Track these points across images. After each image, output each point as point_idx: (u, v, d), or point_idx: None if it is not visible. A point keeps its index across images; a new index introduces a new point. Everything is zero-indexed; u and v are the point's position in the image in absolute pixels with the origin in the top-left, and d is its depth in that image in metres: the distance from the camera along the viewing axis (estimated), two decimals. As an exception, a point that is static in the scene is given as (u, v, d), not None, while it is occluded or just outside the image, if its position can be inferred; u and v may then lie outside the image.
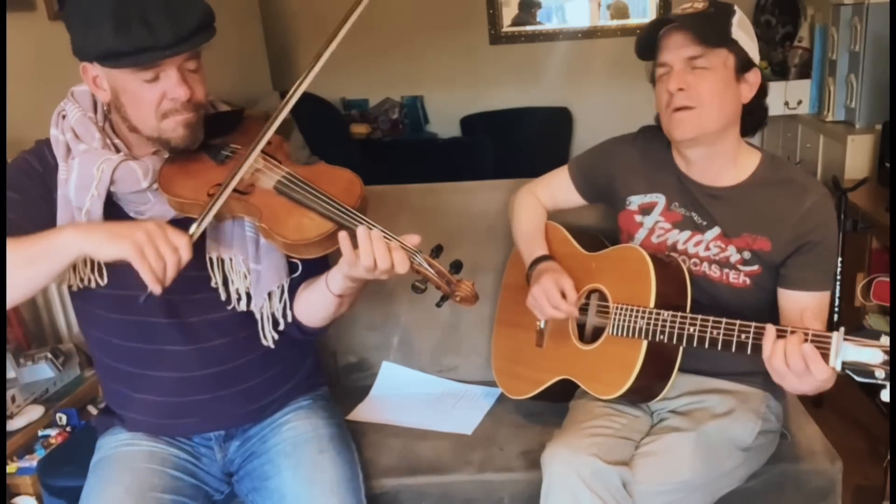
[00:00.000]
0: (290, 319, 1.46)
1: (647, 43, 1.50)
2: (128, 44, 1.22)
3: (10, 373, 2.11)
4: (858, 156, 3.08)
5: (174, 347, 1.43)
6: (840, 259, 2.67)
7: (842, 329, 1.18)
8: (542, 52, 4.88)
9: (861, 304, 2.72)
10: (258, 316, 1.45)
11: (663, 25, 1.47)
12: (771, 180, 1.49)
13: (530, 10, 4.93)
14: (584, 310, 1.63)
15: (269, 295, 1.44)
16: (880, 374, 1.13)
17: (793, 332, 1.23)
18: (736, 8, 1.49)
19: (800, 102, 3.68)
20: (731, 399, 1.53)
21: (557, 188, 1.77)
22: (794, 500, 1.60)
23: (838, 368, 1.18)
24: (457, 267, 1.31)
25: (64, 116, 1.38)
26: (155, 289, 1.17)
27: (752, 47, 1.47)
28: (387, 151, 4.70)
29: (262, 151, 1.34)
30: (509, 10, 4.90)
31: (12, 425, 2.00)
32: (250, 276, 1.42)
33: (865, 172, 3.02)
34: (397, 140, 4.81)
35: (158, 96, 1.29)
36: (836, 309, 2.60)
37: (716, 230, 1.52)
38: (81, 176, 1.32)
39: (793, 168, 1.55)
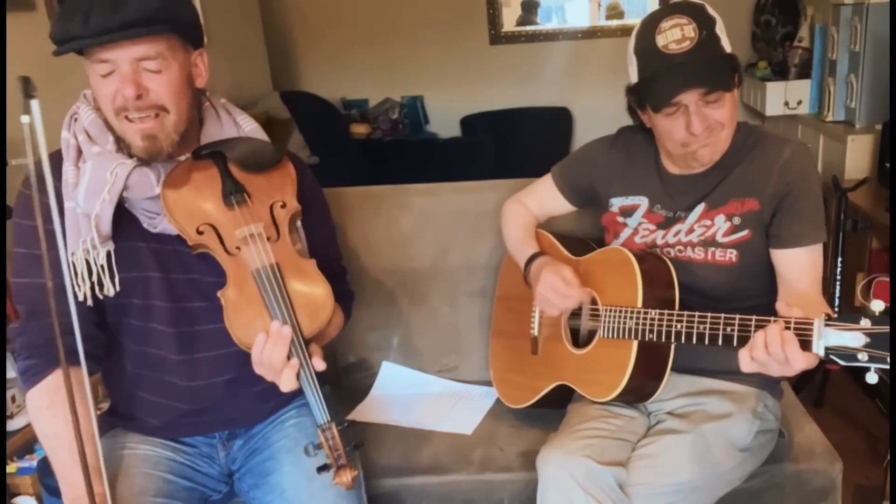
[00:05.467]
0: None
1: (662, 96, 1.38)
2: (62, 31, 1.21)
3: (10, 373, 2.11)
4: (858, 156, 3.08)
5: (201, 354, 1.42)
6: (840, 259, 2.67)
7: (823, 315, 1.18)
8: (542, 52, 4.88)
9: (861, 304, 2.72)
10: None
11: (671, 77, 1.36)
12: (747, 144, 1.49)
13: (533, 10, 4.94)
14: (576, 314, 1.63)
15: None
16: (863, 356, 1.14)
17: (774, 321, 1.23)
18: (713, 13, 1.39)
19: (800, 102, 3.68)
20: (728, 400, 1.52)
21: (545, 196, 1.77)
22: (794, 500, 1.60)
23: (822, 354, 1.17)
24: (357, 447, 1.31)
25: (76, 119, 1.35)
26: None
27: (727, 42, 1.41)
28: (387, 151, 4.70)
29: (270, 213, 1.33)
30: (510, 10, 4.89)
31: (12, 425, 2.00)
32: None
33: (865, 172, 3.02)
34: (397, 140, 4.81)
35: (112, 92, 1.26)
36: (836, 309, 2.60)
37: (700, 207, 1.50)
38: (93, 180, 1.29)
39: (765, 128, 1.54)
